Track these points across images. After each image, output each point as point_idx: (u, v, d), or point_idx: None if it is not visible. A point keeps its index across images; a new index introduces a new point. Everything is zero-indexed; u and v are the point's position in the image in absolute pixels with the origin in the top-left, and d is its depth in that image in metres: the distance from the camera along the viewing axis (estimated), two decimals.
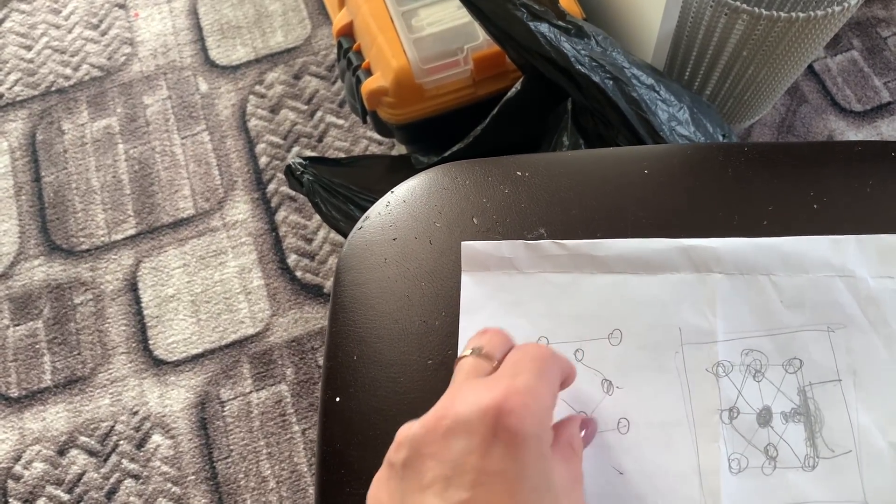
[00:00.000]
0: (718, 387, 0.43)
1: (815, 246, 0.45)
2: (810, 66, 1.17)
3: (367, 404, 0.45)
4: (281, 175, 1.15)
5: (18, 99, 1.24)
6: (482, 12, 0.74)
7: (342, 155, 1.16)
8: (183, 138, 1.20)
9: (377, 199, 0.85)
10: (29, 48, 1.29)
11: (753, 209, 0.47)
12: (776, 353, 0.44)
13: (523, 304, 0.47)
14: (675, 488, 0.42)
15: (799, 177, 0.49)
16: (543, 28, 0.73)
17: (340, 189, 0.82)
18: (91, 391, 1.04)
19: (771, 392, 0.43)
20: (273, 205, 1.14)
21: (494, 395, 0.32)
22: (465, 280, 0.48)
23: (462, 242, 0.48)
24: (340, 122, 1.18)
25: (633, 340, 0.45)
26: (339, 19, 0.93)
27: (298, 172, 0.82)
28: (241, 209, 1.14)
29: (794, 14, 0.83)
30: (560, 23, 0.75)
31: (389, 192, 0.53)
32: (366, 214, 0.52)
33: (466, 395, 0.33)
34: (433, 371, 0.46)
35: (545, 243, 0.47)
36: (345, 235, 0.83)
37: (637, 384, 0.44)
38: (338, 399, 0.46)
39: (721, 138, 0.86)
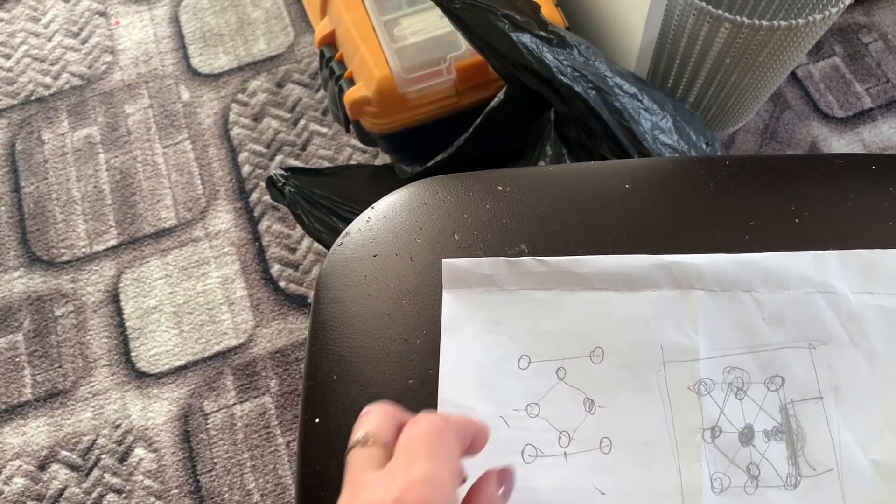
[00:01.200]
0: (700, 405, 0.43)
1: (796, 262, 0.45)
2: (793, 73, 1.17)
3: (348, 425, 0.45)
4: (264, 184, 1.14)
5: None
6: (464, 23, 0.74)
7: (326, 163, 1.15)
8: (165, 147, 1.18)
9: (360, 210, 0.84)
10: (8, 56, 1.27)
11: (735, 224, 0.47)
12: (758, 370, 0.44)
13: (505, 321, 0.46)
14: None
15: (780, 191, 0.49)
16: (525, 39, 0.73)
17: (323, 200, 0.81)
18: (72, 405, 1.03)
19: (753, 410, 0.43)
20: (256, 214, 1.13)
21: (392, 494, 0.30)
22: (447, 298, 0.47)
23: (443, 259, 0.48)
24: (324, 130, 1.17)
25: (615, 358, 0.44)
26: (321, 28, 0.93)
27: (280, 184, 0.82)
28: (223, 219, 1.13)
29: (775, 22, 0.84)
30: (542, 33, 0.75)
31: (370, 208, 0.52)
32: (346, 230, 0.52)
33: (364, 496, 0.31)
34: (414, 391, 0.45)
35: (527, 260, 0.47)
36: (327, 247, 0.82)
37: (619, 403, 0.44)
38: (317, 420, 0.46)
39: (704, 146, 0.86)
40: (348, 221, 0.83)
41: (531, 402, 0.44)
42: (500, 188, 0.51)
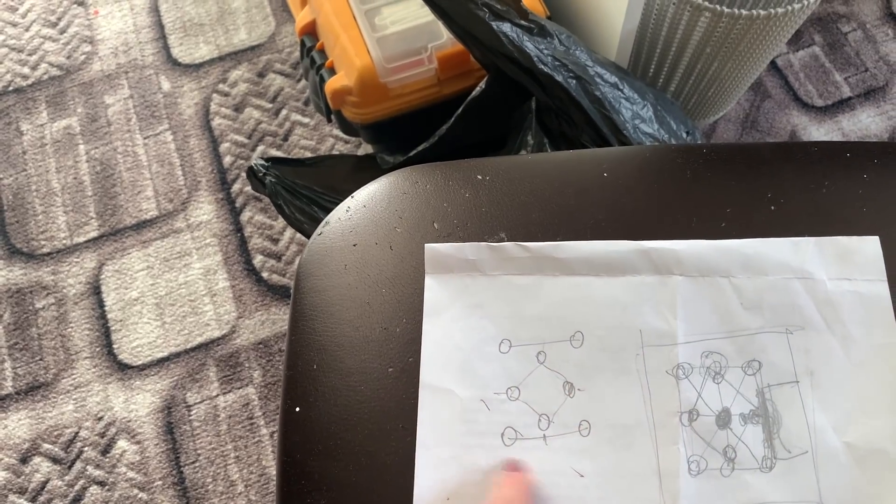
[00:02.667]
0: (678, 389, 0.43)
1: (774, 248, 0.46)
2: (773, 62, 1.18)
3: (328, 414, 0.45)
4: (245, 174, 1.14)
5: None
6: (444, 11, 0.74)
7: (308, 153, 1.15)
8: (145, 138, 1.18)
9: (341, 201, 0.84)
10: None
11: (712, 211, 0.48)
12: (735, 355, 0.44)
13: (486, 305, 0.47)
14: (635, 490, 0.42)
15: (757, 178, 0.49)
16: (506, 28, 0.73)
17: (304, 191, 0.81)
18: (54, 397, 1.02)
19: (730, 394, 0.43)
20: (238, 205, 1.12)
21: None
22: (429, 282, 0.47)
23: (426, 245, 0.48)
24: (306, 120, 1.17)
25: (595, 342, 0.45)
26: (302, 17, 0.92)
27: (261, 174, 0.81)
28: (205, 210, 1.12)
29: (754, 11, 0.84)
30: (522, 22, 0.75)
31: (350, 197, 0.53)
32: (325, 220, 0.52)
33: None
34: (394, 379, 0.45)
35: (508, 245, 0.47)
36: (308, 237, 0.82)
37: (598, 386, 0.44)
38: (297, 409, 0.46)
39: (685, 135, 0.87)
40: (329, 212, 0.83)
41: (512, 386, 0.45)
42: (479, 177, 0.51)
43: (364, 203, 0.52)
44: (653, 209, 0.48)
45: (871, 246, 0.45)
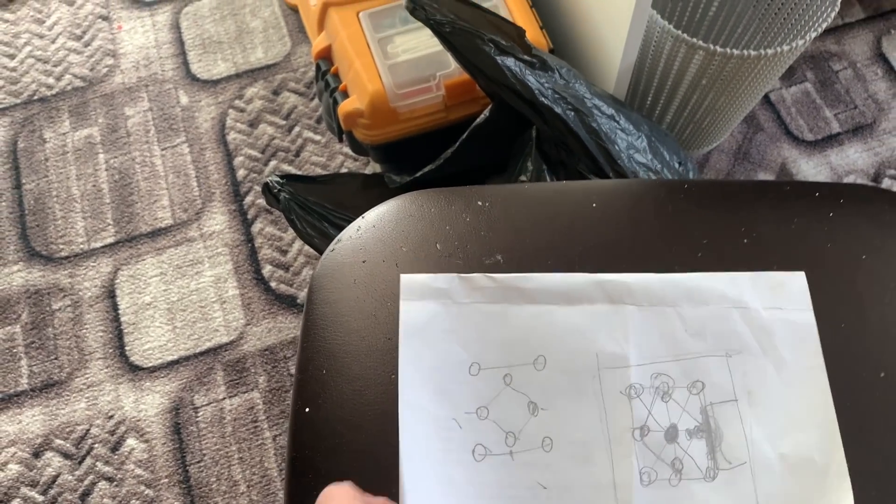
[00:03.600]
0: (631, 407, 0.48)
1: (715, 281, 0.51)
2: (766, 96, 1.23)
3: (335, 415, 0.49)
4: (258, 188, 1.19)
5: (1, 107, 1.27)
6: (453, 45, 0.79)
7: (319, 169, 1.20)
8: (163, 150, 1.23)
9: (350, 217, 0.89)
10: (12, 57, 1.31)
11: (690, 243, 0.52)
12: (682, 376, 0.49)
13: (457, 331, 0.51)
14: (593, 500, 0.47)
15: (732, 214, 0.54)
16: (509, 62, 0.78)
17: (315, 207, 0.86)
18: (67, 395, 1.07)
19: (677, 411, 0.48)
20: (250, 216, 1.17)
21: None
22: (404, 308, 0.52)
23: (401, 275, 0.52)
24: (317, 137, 1.22)
25: (556, 366, 0.49)
26: (318, 42, 0.97)
27: (276, 190, 0.86)
28: (218, 220, 1.17)
29: (745, 52, 0.89)
30: (525, 57, 0.80)
31: (360, 218, 0.57)
32: (338, 238, 0.56)
33: None
34: (395, 385, 0.50)
35: (477, 276, 0.52)
36: (318, 251, 0.87)
37: (559, 406, 0.49)
38: (307, 409, 0.50)
39: (677, 165, 0.92)
40: (339, 228, 0.88)
41: (481, 406, 0.49)
42: (479, 203, 0.56)
43: (373, 223, 0.56)
44: (636, 239, 0.53)
45: (798, 280, 0.50)
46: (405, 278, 0.52)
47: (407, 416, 0.49)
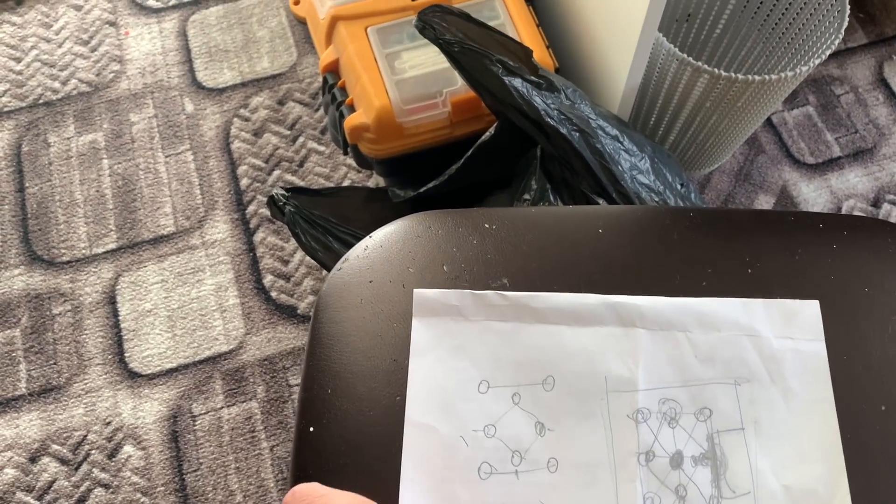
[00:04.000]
0: (637, 432, 0.48)
1: (727, 308, 0.51)
2: (769, 119, 1.24)
3: (339, 436, 0.50)
4: (261, 197, 1.19)
5: (6, 110, 1.27)
6: (461, 64, 0.79)
7: (322, 180, 1.20)
8: (167, 157, 1.23)
9: (354, 231, 0.89)
10: (18, 60, 1.31)
11: (694, 270, 0.53)
12: (689, 402, 0.49)
13: (467, 348, 0.51)
14: None
15: (737, 242, 0.54)
16: (517, 83, 0.79)
17: (320, 221, 0.86)
18: (65, 400, 1.07)
19: (683, 438, 0.48)
20: (252, 226, 1.17)
21: None
22: (416, 325, 0.52)
23: (414, 290, 0.53)
24: (321, 148, 1.23)
25: (565, 387, 0.50)
26: (326, 56, 0.98)
27: (281, 203, 0.87)
28: (220, 229, 1.17)
29: (749, 77, 0.90)
30: (532, 77, 0.81)
31: (368, 237, 0.58)
32: (345, 256, 0.57)
33: None
34: (400, 407, 0.50)
35: (489, 294, 0.52)
36: (322, 265, 0.87)
37: (566, 427, 0.49)
38: (311, 429, 0.50)
39: (679, 187, 0.92)
40: (344, 242, 0.88)
41: (488, 424, 0.49)
42: (486, 225, 0.56)
43: (381, 243, 0.57)
44: (642, 265, 0.53)
45: (811, 309, 0.51)
46: (418, 293, 0.52)
47: (411, 434, 0.49)
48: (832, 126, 1.23)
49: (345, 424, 0.50)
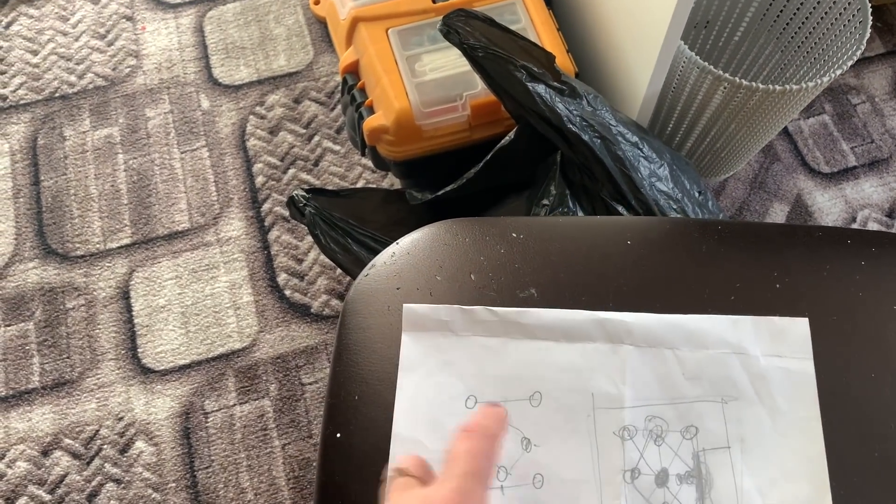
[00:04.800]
0: (623, 449, 0.48)
1: (715, 325, 0.51)
2: (785, 127, 1.24)
3: (367, 442, 0.50)
4: (276, 195, 1.19)
5: (22, 102, 1.27)
6: (484, 69, 0.79)
7: (337, 179, 1.20)
8: (182, 153, 1.23)
9: (373, 233, 0.89)
10: (35, 53, 1.32)
11: (723, 285, 0.53)
12: (676, 420, 0.49)
13: (455, 363, 0.51)
14: None
15: (765, 257, 0.54)
16: (540, 89, 0.79)
17: (339, 223, 0.86)
18: (78, 395, 1.07)
19: (669, 455, 0.48)
20: (267, 224, 1.18)
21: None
22: (405, 339, 0.52)
23: (404, 305, 0.52)
24: (337, 147, 1.23)
25: (551, 403, 0.50)
26: (346, 57, 0.98)
27: (301, 204, 0.87)
28: (235, 226, 1.17)
29: (770, 86, 0.90)
30: (555, 83, 0.80)
31: (395, 243, 0.58)
32: (372, 263, 0.57)
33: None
34: None
35: (478, 309, 0.52)
36: (340, 266, 0.87)
37: (553, 443, 0.49)
38: (338, 435, 0.51)
39: (697, 194, 0.92)
40: (362, 244, 0.88)
41: None
42: (514, 235, 0.56)
43: (408, 250, 0.57)
44: (670, 279, 0.53)
45: (800, 327, 0.51)
46: (407, 308, 0.52)
47: (397, 449, 0.49)
48: (848, 135, 1.23)
49: (373, 431, 0.50)
